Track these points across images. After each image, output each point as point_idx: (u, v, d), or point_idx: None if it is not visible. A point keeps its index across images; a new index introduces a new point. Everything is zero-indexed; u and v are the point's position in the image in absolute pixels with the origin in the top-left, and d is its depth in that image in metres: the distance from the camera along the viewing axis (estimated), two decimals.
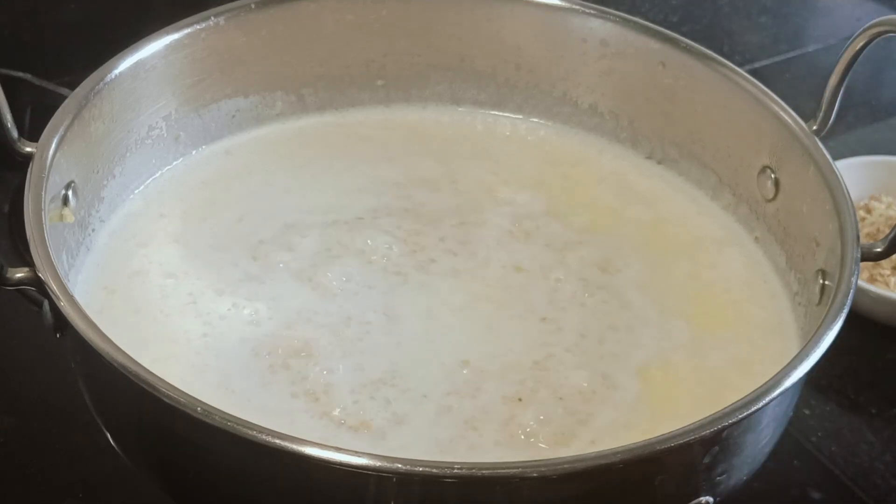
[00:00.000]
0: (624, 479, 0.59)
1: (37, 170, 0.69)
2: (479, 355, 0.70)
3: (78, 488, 0.74)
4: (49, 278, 0.63)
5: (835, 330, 0.63)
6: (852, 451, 0.81)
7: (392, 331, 0.71)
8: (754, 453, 0.65)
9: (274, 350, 0.70)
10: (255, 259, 0.75)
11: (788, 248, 0.77)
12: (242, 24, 0.82)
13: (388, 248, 0.76)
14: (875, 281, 0.90)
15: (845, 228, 0.69)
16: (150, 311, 0.72)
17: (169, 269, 0.75)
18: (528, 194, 0.82)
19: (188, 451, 0.62)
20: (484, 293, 0.74)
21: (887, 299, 0.88)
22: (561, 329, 0.72)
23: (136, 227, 0.77)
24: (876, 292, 0.88)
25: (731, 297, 0.76)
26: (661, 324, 0.73)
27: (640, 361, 0.71)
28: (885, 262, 0.90)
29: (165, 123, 0.80)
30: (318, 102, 0.87)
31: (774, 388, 0.60)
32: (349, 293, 0.73)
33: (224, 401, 0.59)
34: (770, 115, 0.77)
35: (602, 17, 0.84)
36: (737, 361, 0.72)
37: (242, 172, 0.82)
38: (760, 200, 0.79)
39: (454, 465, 0.58)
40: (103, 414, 0.68)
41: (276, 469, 0.58)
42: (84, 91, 0.74)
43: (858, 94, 1.14)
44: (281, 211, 0.79)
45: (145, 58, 0.78)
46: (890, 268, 0.91)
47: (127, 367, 0.59)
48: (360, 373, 0.69)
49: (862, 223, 0.93)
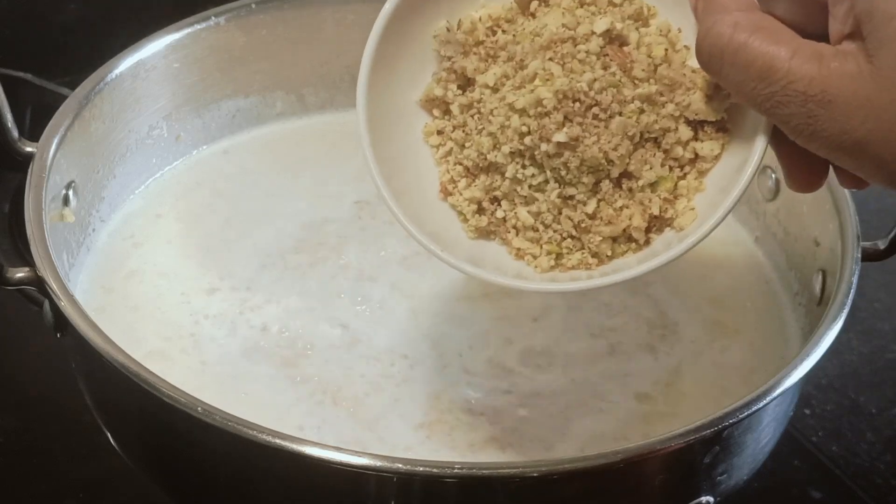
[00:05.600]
0: (624, 479, 0.59)
1: (37, 170, 0.69)
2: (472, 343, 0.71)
3: (78, 488, 0.74)
4: (49, 278, 0.63)
5: (835, 330, 0.63)
6: (852, 451, 0.81)
7: (392, 329, 0.71)
8: (754, 453, 0.65)
9: (271, 348, 0.70)
10: (251, 258, 0.75)
11: (788, 248, 0.77)
12: (242, 24, 0.82)
13: (388, 247, 0.76)
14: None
15: (845, 228, 0.69)
16: (146, 309, 0.72)
17: (163, 268, 0.75)
18: None
19: (188, 451, 0.62)
20: (483, 296, 0.74)
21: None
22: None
23: (134, 227, 0.77)
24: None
25: (732, 297, 0.76)
26: (660, 323, 0.74)
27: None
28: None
29: (166, 123, 0.80)
30: (318, 102, 0.87)
31: (774, 387, 0.60)
32: (346, 292, 0.73)
33: (221, 399, 0.59)
34: None
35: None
36: (737, 361, 0.72)
37: (242, 172, 0.82)
38: (760, 200, 0.79)
39: (454, 464, 0.58)
40: (103, 414, 0.68)
41: (276, 469, 0.58)
42: (84, 91, 0.74)
43: None
44: (280, 210, 0.79)
45: (145, 58, 0.78)
46: None
47: (127, 367, 0.59)
48: (359, 372, 0.69)
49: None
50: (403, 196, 0.59)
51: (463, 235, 0.60)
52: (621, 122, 0.56)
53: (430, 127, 0.61)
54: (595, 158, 0.56)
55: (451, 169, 0.60)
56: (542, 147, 0.56)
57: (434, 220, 0.60)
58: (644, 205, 0.57)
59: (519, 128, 0.56)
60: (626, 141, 0.56)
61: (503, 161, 0.58)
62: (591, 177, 0.57)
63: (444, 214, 0.60)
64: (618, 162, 0.56)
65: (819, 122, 0.49)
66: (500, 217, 0.59)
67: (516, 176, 0.58)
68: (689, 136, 0.57)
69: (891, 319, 0.92)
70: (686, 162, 0.57)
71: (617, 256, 0.58)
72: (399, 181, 0.59)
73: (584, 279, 0.58)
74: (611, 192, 0.57)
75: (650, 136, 0.57)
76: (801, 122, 0.49)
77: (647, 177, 0.57)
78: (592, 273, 0.58)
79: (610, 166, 0.56)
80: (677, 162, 0.57)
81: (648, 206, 0.57)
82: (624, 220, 0.57)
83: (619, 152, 0.56)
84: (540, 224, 0.58)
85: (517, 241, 0.59)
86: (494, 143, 0.58)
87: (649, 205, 0.57)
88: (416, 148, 0.61)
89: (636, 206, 0.57)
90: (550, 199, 0.57)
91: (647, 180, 0.57)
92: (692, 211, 0.57)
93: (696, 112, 0.56)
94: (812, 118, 0.49)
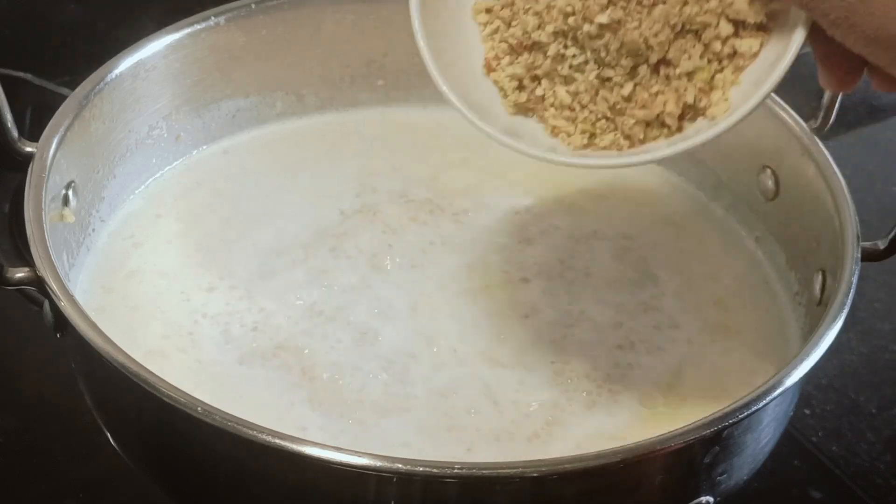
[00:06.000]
0: (624, 479, 0.59)
1: (37, 170, 0.69)
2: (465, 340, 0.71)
3: (78, 488, 0.74)
4: (49, 278, 0.63)
5: (835, 330, 0.63)
6: (852, 451, 0.81)
7: (390, 327, 0.71)
8: (754, 453, 0.65)
9: (270, 348, 0.70)
10: (251, 258, 0.76)
11: (788, 248, 0.77)
12: (242, 24, 0.82)
13: (387, 247, 0.76)
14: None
15: (845, 228, 0.69)
16: (146, 309, 0.72)
17: (162, 268, 0.75)
18: (526, 194, 0.82)
19: (188, 451, 0.62)
20: (483, 290, 0.74)
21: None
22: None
23: (133, 227, 0.77)
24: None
25: (732, 297, 0.76)
26: (660, 322, 0.74)
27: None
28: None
29: (166, 123, 0.80)
30: (318, 102, 0.87)
31: (774, 388, 0.60)
32: (345, 291, 0.73)
33: (221, 399, 0.59)
34: (770, 115, 0.77)
35: None
36: (737, 361, 0.72)
37: (242, 172, 0.82)
38: (760, 200, 0.79)
39: (454, 464, 0.58)
40: (103, 414, 0.68)
41: (276, 469, 0.58)
42: (84, 91, 0.74)
43: (858, 94, 1.13)
44: (280, 210, 0.79)
45: (145, 58, 0.78)
46: None
47: (127, 367, 0.59)
48: (359, 371, 0.69)
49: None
50: (448, 69, 0.63)
51: (502, 111, 0.63)
52: (664, 10, 0.58)
53: (479, 5, 0.64)
54: (635, 42, 0.59)
55: (496, 46, 0.63)
56: (585, 28, 0.59)
57: (476, 93, 0.63)
58: (679, 92, 0.59)
59: (564, 7, 0.60)
60: (666, 28, 0.58)
61: (546, 40, 0.61)
62: (629, 60, 0.59)
63: (486, 90, 0.64)
64: (657, 48, 0.59)
65: (856, 16, 0.51)
66: (539, 95, 0.62)
67: (558, 54, 0.61)
68: (729, 32, 0.59)
69: (891, 319, 0.91)
70: (724, 56, 0.59)
71: (649, 140, 0.61)
72: (445, 55, 0.63)
73: (614, 157, 0.61)
74: (648, 77, 0.60)
75: (691, 28, 0.59)
76: (839, 16, 0.52)
77: (684, 66, 0.59)
78: (623, 153, 0.61)
79: (649, 52, 0.59)
80: (716, 56, 0.59)
81: (683, 94, 0.59)
82: (658, 105, 0.60)
83: (658, 39, 0.58)
84: (577, 104, 0.61)
85: (553, 119, 0.62)
86: (539, 21, 0.61)
87: (684, 93, 0.59)
88: (465, 25, 0.64)
89: (671, 93, 0.59)
90: (589, 80, 0.60)
91: (685, 69, 0.59)
92: (725, 102, 0.59)
93: (737, 11, 0.58)
94: (850, 11, 0.51)
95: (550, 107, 0.62)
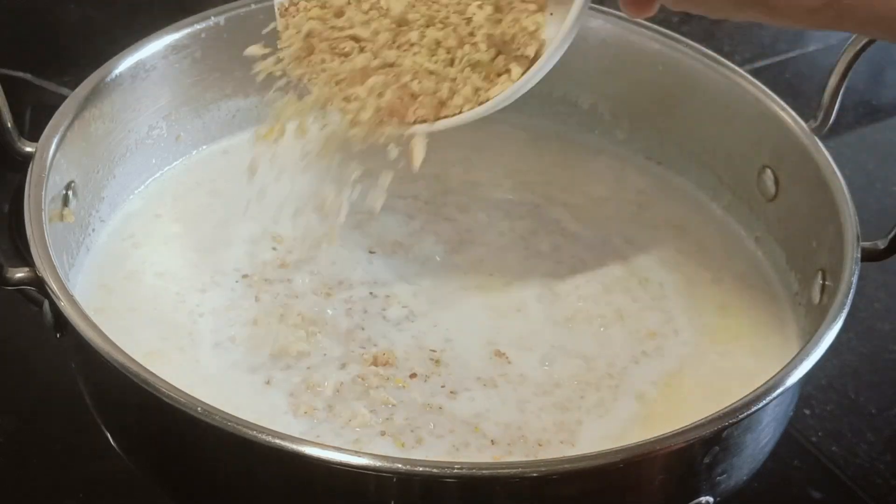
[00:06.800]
0: (624, 479, 0.59)
1: (37, 170, 0.69)
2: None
3: (78, 488, 0.74)
4: (49, 278, 0.63)
5: (835, 330, 0.63)
6: (852, 451, 0.81)
7: (391, 327, 0.71)
8: (754, 453, 0.65)
9: (270, 348, 0.70)
10: (250, 258, 0.75)
11: (788, 248, 0.77)
12: (242, 24, 0.82)
13: (386, 246, 0.76)
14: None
15: (845, 228, 0.69)
16: (146, 309, 0.72)
17: (162, 268, 0.75)
18: (526, 194, 0.82)
19: (188, 451, 0.62)
20: (481, 290, 0.74)
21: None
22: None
23: (133, 227, 0.77)
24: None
25: (731, 297, 0.76)
26: (661, 323, 0.74)
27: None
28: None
29: (165, 123, 0.80)
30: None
31: (774, 388, 0.60)
32: (343, 291, 0.73)
33: (221, 399, 0.59)
34: (770, 115, 0.77)
35: (602, 17, 0.84)
36: (736, 361, 0.72)
37: (242, 172, 0.82)
38: (760, 200, 0.79)
39: (454, 464, 0.58)
40: (103, 414, 0.68)
41: (276, 469, 0.58)
42: (84, 91, 0.74)
43: (858, 94, 1.14)
44: (279, 209, 0.79)
45: (145, 58, 0.78)
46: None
47: (127, 367, 0.59)
48: (359, 370, 0.69)
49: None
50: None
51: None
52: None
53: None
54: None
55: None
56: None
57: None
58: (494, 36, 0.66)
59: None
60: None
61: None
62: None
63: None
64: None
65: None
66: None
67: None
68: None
69: (891, 319, 0.92)
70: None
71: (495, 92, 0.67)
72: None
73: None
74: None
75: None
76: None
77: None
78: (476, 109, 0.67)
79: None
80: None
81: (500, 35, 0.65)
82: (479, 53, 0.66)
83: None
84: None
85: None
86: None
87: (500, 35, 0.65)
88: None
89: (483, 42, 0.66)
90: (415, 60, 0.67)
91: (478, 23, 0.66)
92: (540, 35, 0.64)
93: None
94: None
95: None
